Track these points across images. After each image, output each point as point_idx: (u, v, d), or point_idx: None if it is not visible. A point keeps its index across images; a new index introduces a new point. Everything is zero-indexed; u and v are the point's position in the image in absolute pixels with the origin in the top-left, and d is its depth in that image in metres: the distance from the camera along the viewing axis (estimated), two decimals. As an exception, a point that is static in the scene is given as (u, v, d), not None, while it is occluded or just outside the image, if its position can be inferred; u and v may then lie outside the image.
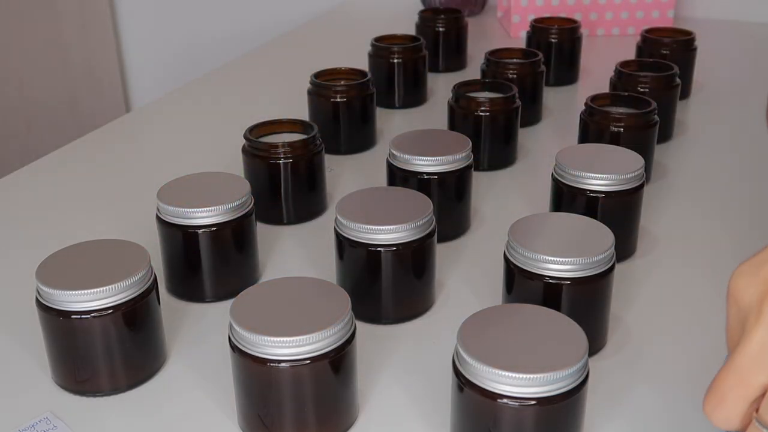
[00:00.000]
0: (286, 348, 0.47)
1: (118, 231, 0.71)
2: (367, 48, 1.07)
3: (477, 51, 1.25)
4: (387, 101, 1.06)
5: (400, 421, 0.53)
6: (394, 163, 0.74)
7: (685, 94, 1.08)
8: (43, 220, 0.80)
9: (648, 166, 0.82)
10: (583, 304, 0.57)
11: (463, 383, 0.46)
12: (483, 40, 1.36)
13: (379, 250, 0.60)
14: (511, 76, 0.97)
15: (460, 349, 0.46)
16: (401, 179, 0.73)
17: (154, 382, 0.57)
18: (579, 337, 0.46)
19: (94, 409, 0.54)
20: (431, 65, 1.17)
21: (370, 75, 0.94)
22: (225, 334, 0.51)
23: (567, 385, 0.44)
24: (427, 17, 1.21)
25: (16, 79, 1.55)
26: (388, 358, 0.59)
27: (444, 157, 0.72)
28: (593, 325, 0.57)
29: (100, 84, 1.75)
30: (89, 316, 0.52)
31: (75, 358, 0.54)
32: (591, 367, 0.47)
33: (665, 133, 0.94)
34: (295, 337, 0.46)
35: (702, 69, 1.12)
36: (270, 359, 0.47)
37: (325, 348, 0.47)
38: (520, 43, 1.23)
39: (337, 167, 0.89)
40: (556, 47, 1.13)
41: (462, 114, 0.87)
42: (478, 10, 1.54)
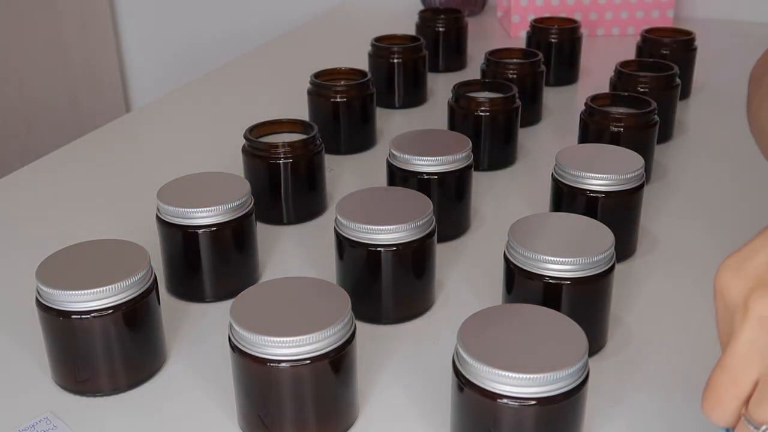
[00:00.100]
0: (286, 348, 0.47)
1: (118, 231, 0.70)
2: (367, 48, 1.07)
3: (477, 51, 1.25)
4: (387, 101, 1.06)
5: (400, 421, 0.53)
6: (394, 163, 0.74)
7: (685, 94, 1.08)
8: (43, 220, 0.80)
9: (648, 166, 0.82)
10: (583, 304, 0.57)
11: (463, 383, 0.46)
12: (483, 40, 1.36)
13: (379, 250, 0.60)
14: (511, 76, 0.97)
15: (460, 349, 0.46)
16: (401, 179, 0.73)
17: (154, 382, 0.57)
18: (579, 337, 0.46)
19: (94, 409, 0.54)
20: (431, 65, 1.17)
21: (370, 75, 0.94)
22: (225, 334, 0.51)
23: (567, 385, 0.44)
24: (427, 17, 1.21)
25: (16, 79, 1.55)
26: (388, 358, 0.59)
27: (444, 157, 0.72)
28: (593, 325, 0.57)
29: (100, 84, 1.75)
30: (89, 316, 0.52)
31: (75, 358, 0.54)
32: (591, 367, 0.47)
33: (665, 133, 0.94)
34: (295, 337, 0.46)
35: (702, 69, 1.12)
36: (270, 359, 0.47)
37: (325, 348, 0.47)
38: (520, 43, 1.23)
39: (337, 167, 0.89)
40: (556, 47, 1.13)
41: (462, 114, 0.87)
42: (478, 10, 1.54)
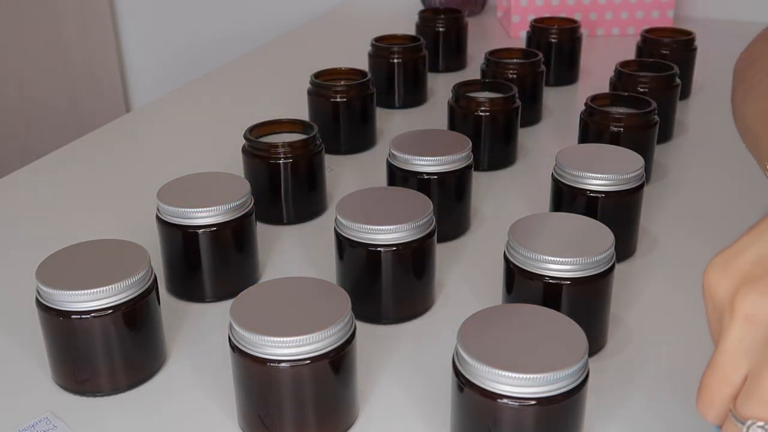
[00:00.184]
0: (286, 348, 0.47)
1: (118, 231, 0.70)
2: (367, 48, 1.07)
3: (477, 51, 1.25)
4: (387, 101, 1.06)
5: (400, 421, 0.53)
6: (394, 163, 0.74)
7: (685, 94, 1.08)
8: (43, 220, 0.80)
9: (648, 166, 0.82)
10: (583, 304, 0.57)
11: (463, 383, 0.46)
12: (483, 40, 1.36)
13: (379, 250, 0.60)
14: (511, 76, 0.97)
15: (460, 349, 0.46)
16: (401, 179, 0.73)
17: (154, 382, 0.57)
18: (579, 337, 0.46)
19: (94, 409, 0.54)
20: (431, 65, 1.17)
21: (370, 75, 0.94)
22: (225, 334, 0.51)
23: (567, 385, 0.44)
24: (427, 17, 1.21)
25: (16, 79, 1.55)
26: (388, 358, 0.59)
27: (444, 157, 0.72)
28: (593, 325, 0.57)
29: (100, 84, 1.75)
30: (89, 316, 0.52)
31: (75, 358, 0.54)
32: (591, 367, 0.47)
33: (665, 133, 0.94)
34: (295, 337, 0.46)
35: (702, 69, 1.12)
36: (270, 359, 0.47)
37: (325, 348, 0.47)
38: (520, 43, 1.23)
39: (337, 167, 0.89)
40: (556, 47, 1.13)
41: (462, 114, 0.87)
42: (478, 10, 1.54)
